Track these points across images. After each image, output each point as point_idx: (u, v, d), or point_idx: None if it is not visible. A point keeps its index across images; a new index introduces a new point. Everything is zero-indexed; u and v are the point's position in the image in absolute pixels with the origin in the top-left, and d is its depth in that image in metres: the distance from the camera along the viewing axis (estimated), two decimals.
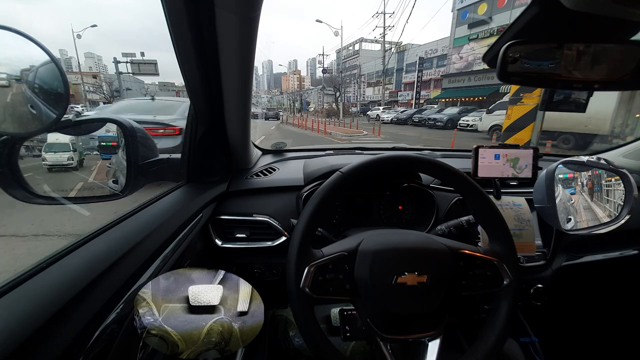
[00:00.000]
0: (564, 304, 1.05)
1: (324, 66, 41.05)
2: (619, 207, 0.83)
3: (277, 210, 0.92)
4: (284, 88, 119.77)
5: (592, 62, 0.46)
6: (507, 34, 0.47)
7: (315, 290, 0.51)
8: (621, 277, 1.04)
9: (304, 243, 0.53)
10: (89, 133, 0.72)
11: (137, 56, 8.43)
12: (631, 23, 0.43)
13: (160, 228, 0.59)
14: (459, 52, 22.68)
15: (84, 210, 0.71)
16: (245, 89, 0.71)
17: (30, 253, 2.03)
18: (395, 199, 1.00)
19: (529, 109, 4.63)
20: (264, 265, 0.93)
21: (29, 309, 0.34)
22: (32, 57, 0.44)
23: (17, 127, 0.50)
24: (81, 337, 0.37)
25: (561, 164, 0.88)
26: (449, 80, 23.48)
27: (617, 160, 1.14)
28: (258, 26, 0.56)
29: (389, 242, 0.55)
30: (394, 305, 0.52)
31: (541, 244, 0.95)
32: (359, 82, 41.29)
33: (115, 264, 0.45)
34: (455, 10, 22.63)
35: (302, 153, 1.31)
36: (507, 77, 0.48)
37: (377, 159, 0.58)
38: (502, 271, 0.56)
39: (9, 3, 52.23)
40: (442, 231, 0.82)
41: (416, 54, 27.94)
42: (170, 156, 0.80)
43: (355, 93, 43.06)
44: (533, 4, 0.41)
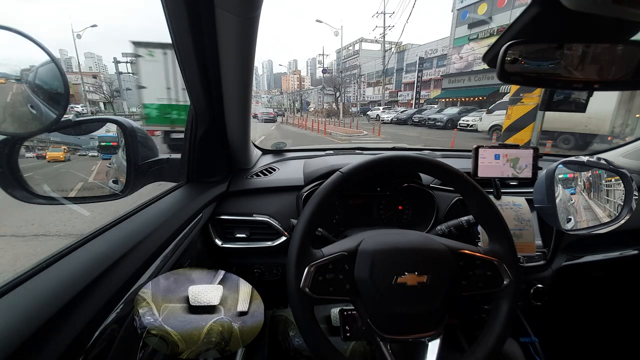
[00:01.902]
0: (564, 304, 1.05)
1: (324, 66, 41.08)
2: (619, 207, 0.83)
3: (277, 210, 0.92)
4: (284, 88, 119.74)
5: (592, 62, 0.46)
6: (507, 34, 0.47)
7: (315, 290, 0.51)
8: (621, 277, 1.04)
9: (304, 243, 0.53)
10: (89, 133, 0.72)
11: None
12: (631, 23, 0.43)
13: (160, 228, 0.59)
14: (459, 52, 22.69)
15: (84, 210, 0.71)
16: (245, 89, 0.71)
17: (31, 253, 2.03)
18: (395, 199, 1.00)
19: (529, 109, 4.63)
20: (264, 265, 0.93)
21: (29, 308, 0.34)
22: (32, 57, 0.44)
23: (17, 127, 0.50)
24: (81, 337, 0.37)
25: (561, 164, 0.88)
26: (449, 80, 23.49)
27: (617, 160, 1.14)
28: (258, 26, 0.56)
29: (389, 242, 0.55)
30: (394, 305, 0.52)
31: (541, 244, 0.95)
32: (359, 82, 41.32)
33: (115, 264, 0.45)
34: (455, 10, 22.64)
35: (302, 153, 1.31)
36: (507, 77, 0.48)
37: (377, 159, 0.58)
38: (502, 271, 0.56)
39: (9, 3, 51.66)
40: (442, 231, 0.81)
41: (416, 54, 27.95)
42: (170, 156, 0.80)
43: (355, 93, 43.09)
44: (533, 4, 0.41)
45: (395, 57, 31.98)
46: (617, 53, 0.47)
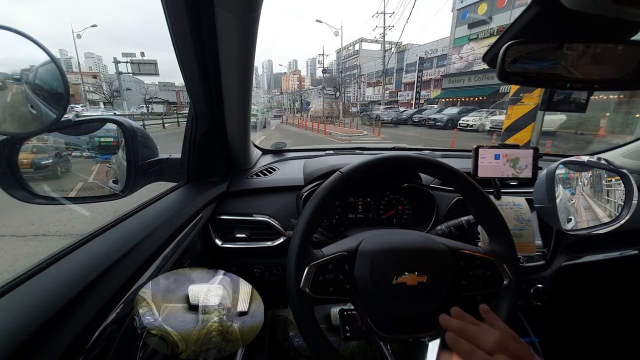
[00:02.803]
0: (564, 304, 1.05)
1: (324, 66, 41.05)
2: (619, 207, 0.83)
3: (277, 210, 0.92)
4: (284, 88, 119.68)
5: (592, 62, 0.46)
6: (507, 34, 0.47)
7: (315, 290, 0.51)
8: (621, 277, 1.04)
9: (304, 243, 0.53)
10: (89, 133, 0.72)
11: (137, 56, 8.46)
12: (631, 23, 0.43)
13: (160, 228, 0.59)
14: (459, 52, 22.68)
15: (84, 210, 0.71)
16: (245, 89, 0.71)
17: (31, 253, 2.03)
18: (395, 199, 1.00)
19: (529, 109, 4.62)
20: (264, 265, 0.93)
21: (29, 309, 0.34)
22: (32, 57, 0.44)
23: (17, 127, 0.50)
24: (81, 337, 0.37)
25: (561, 164, 0.88)
26: (449, 80, 23.49)
27: (617, 160, 1.14)
28: (258, 26, 0.56)
29: (389, 242, 0.55)
30: (394, 305, 0.52)
31: (541, 244, 0.95)
32: (359, 82, 41.29)
33: (115, 264, 0.45)
34: (455, 10, 22.63)
35: (302, 153, 1.31)
36: (507, 77, 0.48)
37: (377, 159, 0.58)
38: (502, 271, 0.56)
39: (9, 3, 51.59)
40: (442, 231, 0.81)
41: (416, 54, 27.93)
42: (170, 156, 0.80)
43: (355, 93, 43.07)
44: (533, 4, 0.41)
45: (395, 57, 31.97)
46: (617, 53, 0.47)
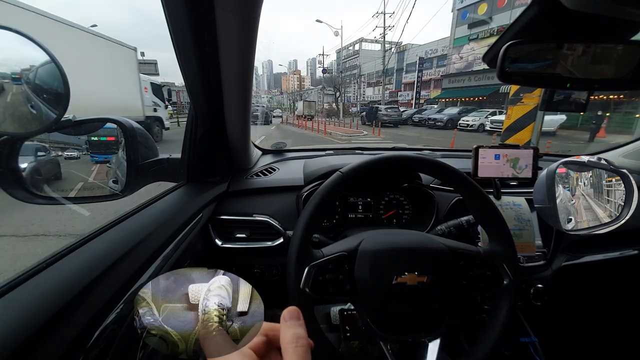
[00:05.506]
0: (564, 304, 1.05)
1: (324, 66, 41.06)
2: (619, 207, 0.83)
3: (277, 210, 0.92)
4: (284, 88, 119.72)
5: (592, 62, 0.46)
6: (507, 34, 0.47)
7: (315, 290, 0.51)
8: (621, 277, 1.04)
9: (304, 243, 0.52)
10: (89, 133, 0.72)
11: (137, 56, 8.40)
12: (631, 23, 0.43)
13: (161, 228, 0.59)
14: (459, 52, 22.68)
15: (84, 210, 0.71)
16: (245, 89, 0.71)
17: (31, 253, 2.03)
18: (395, 199, 1.00)
19: (529, 109, 4.62)
20: (264, 265, 0.93)
21: (29, 309, 0.34)
22: (32, 57, 0.44)
23: (17, 127, 0.50)
24: (81, 337, 0.37)
25: (561, 164, 0.88)
26: (449, 80, 23.49)
27: (617, 160, 1.14)
28: (258, 26, 0.56)
29: (389, 242, 0.55)
30: (394, 305, 0.52)
31: (541, 244, 0.95)
32: (359, 82, 41.30)
33: (115, 264, 0.45)
34: (455, 10, 22.64)
35: (302, 153, 1.31)
36: (507, 77, 0.48)
37: (377, 159, 0.58)
38: (502, 271, 0.56)
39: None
40: (442, 231, 0.81)
41: (416, 54, 27.94)
42: (170, 156, 0.80)
43: (355, 93, 43.08)
44: (533, 4, 0.41)
45: (395, 57, 31.97)
46: (617, 53, 0.47)
